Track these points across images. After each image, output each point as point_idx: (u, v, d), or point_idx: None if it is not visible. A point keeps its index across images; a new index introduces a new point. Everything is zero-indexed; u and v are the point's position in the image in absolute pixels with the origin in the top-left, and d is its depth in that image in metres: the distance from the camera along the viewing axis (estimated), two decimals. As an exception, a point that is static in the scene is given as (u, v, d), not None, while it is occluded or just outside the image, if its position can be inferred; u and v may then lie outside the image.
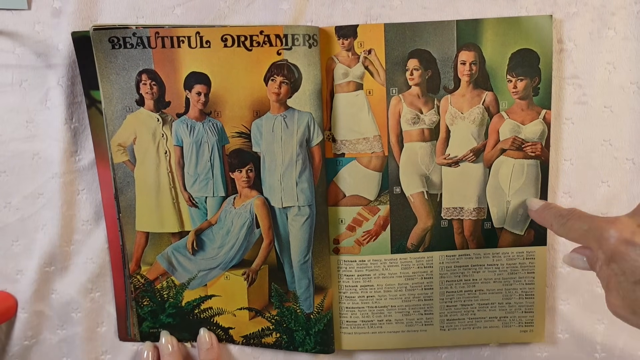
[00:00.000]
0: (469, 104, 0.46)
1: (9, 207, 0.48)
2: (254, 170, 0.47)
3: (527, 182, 0.47)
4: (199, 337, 0.50)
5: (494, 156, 0.47)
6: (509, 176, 0.47)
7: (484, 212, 0.48)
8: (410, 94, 0.46)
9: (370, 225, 0.49)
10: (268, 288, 0.50)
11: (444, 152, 0.47)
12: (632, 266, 0.32)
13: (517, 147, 0.47)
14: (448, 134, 0.47)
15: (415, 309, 0.50)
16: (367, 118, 0.47)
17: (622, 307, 0.33)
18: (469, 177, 0.48)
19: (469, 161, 0.47)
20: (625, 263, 0.32)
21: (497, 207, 0.48)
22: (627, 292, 0.32)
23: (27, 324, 0.49)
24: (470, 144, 0.47)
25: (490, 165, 0.48)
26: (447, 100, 0.46)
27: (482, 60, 0.45)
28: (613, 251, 0.33)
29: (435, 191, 0.48)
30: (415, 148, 0.47)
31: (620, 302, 0.33)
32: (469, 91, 0.46)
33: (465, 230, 0.49)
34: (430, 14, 0.45)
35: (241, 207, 0.48)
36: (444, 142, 0.47)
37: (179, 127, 0.47)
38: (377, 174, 0.48)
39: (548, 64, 0.45)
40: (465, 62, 0.46)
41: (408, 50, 0.45)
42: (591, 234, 0.35)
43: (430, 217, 0.48)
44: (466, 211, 0.48)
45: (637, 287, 0.32)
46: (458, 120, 0.47)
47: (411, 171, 0.48)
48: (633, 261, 0.32)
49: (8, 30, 0.45)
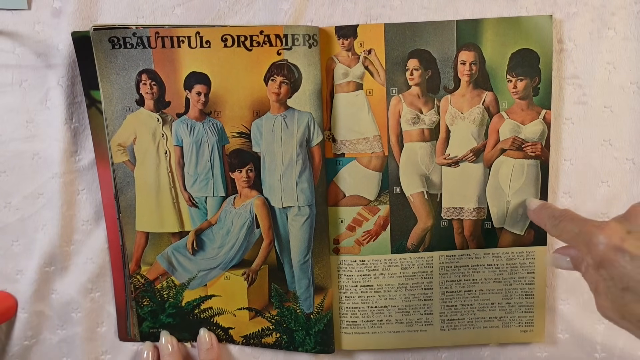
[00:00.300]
0: (469, 104, 0.46)
1: (9, 207, 0.48)
2: (254, 170, 0.47)
3: (527, 182, 0.47)
4: (199, 337, 0.50)
5: (494, 156, 0.47)
6: (509, 176, 0.47)
7: (484, 212, 0.48)
8: (410, 94, 0.46)
9: (370, 225, 0.49)
10: (268, 288, 0.50)
11: (444, 152, 0.47)
12: (620, 273, 0.32)
13: (517, 147, 0.47)
14: (448, 134, 0.47)
15: (415, 309, 0.50)
16: (367, 118, 0.47)
17: (611, 310, 0.33)
18: (469, 177, 0.48)
19: (469, 161, 0.47)
20: (613, 270, 0.32)
21: (497, 207, 0.48)
22: (615, 298, 0.32)
23: (27, 324, 0.49)
24: (470, 144, 0.47)
25: (490, 165, 0.48)
26: (447, 100, 0.46)
27: (482, 60, 0.45)
28: (602, 257, 0.33)
29: (435, 191, 0.48)
30: (415, 148, 0.47)
31: (610, 305, 0.33)
32: (469, 91, 0.46)
33: (465, 230, 0.49)
34: (430, 14, 0.45)
35: (241, 207, 0.48)
36: (444, 142, 0.47)
37: (179, 127, 0.47)
38: (377, 174, 0.48)
39: (548, 64, 0.45)
40: (465, 62, 0.46)
41: (408, 50, 0.45)
42: (581, 237, 0.35)
43: (430, 217, 0.48)
44: (466, 211, 0.48)
45: (625, 293, 0.32)
46: (458, 120, 0.47)
47: (411, 171, 0.48)
48: (622, 268, 0.32)
49: (8, 30, 0.45)
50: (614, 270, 0.32)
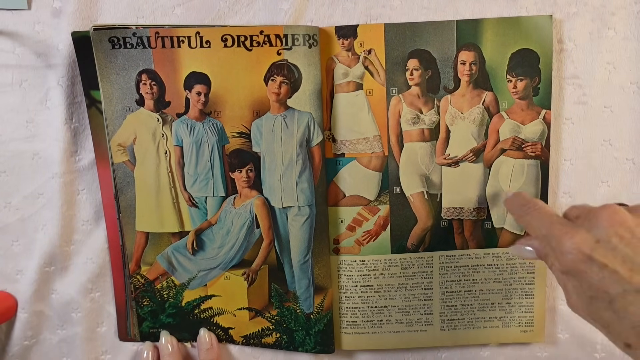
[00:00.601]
0: (469, 104, 0.46)
1: (9, 207, 0.48)
2: (253, 170, 0.47)
3: (527, 182, 0.47)
4: (199, 337, 0.50)
5: (494, 156, 0.47)
6: (509, 176, 0.47)
7: (484, 212, 0.48)
8: (410, 94, 0.46)
9: (370, 225, 0.48)
10: (268, 288, 0.50)
11: (444, 152, 0.47)
12: (588, 283, 0.32)
13: (517, 147, 0.47)
14: (448, 134, 0.47)
15: (415, 309, 0.50)
16: (367, 118, 0.47)
17: (580, 309, 0.33)
18: (469, 177, 0.48)
19: (469, 161, 0.47)
20: (582, 279, 0.32)
21: (497, 207, 0.48)
22: (584, 303, 0.33)
23: (27, 324, 0.49)
24: (470, 144, 0.47)
25: (490, 165, 0.48)
26: (447, 100, 0.46)
27: (482, 60, 0.45)
28: (570, 267, 0.33)
29: (435, 191, 0.48)
30: (416, 148, 0.47)
31: (579, 306, 0.33)
32: (469, 91, 0.46)
33: (465, 230, 0.49)
34: (430, 14, 0.45)
35: (241, 207, 0.48)
36: (444, 142, 0.47)
37: (179, 127, 0.47)
38: (377, 174, 0.48)
39: (548, 64, 0.45)
40: (465, 62, 0.46)
41: (408, 50, 0.45)
42: (547, 241, 0.35)
43: (430, 217, 0.48)
44: (466, 211, 0.48)
45: (594, 301, 0.32)
46: (458, 120, 0.47)
47: (411, 171, 0.48)
48: (590, 278, 0.32)
49: (8, 30, 0.45)
50: (582, 279, 0.32)
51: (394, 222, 0.48)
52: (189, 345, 0.51)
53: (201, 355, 0.50)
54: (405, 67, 0.46)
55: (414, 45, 0.45)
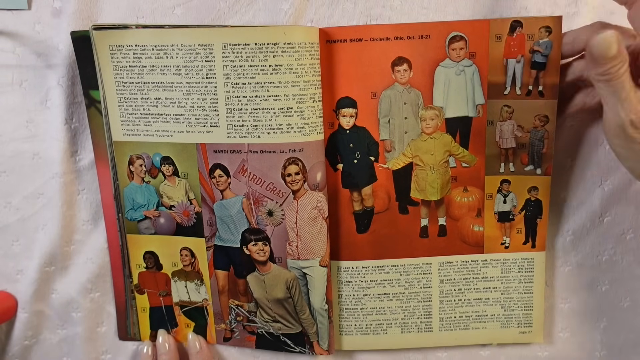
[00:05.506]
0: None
1: (9, 207, 0.48)
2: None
3: (527, 182, 0.47)
4: (188, 342, 0.50)
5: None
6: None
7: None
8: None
9: (370, 225, 0.48)
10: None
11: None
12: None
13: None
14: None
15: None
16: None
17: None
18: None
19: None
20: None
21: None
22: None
23: (27, 324, 0.49)
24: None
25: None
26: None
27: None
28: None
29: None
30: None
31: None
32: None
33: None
34: (430, 14, 0.45)
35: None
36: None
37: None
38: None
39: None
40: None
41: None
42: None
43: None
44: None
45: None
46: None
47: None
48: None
49: (8, 30, 0.45)
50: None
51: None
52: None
53: (192, 359, 0.50)
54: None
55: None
